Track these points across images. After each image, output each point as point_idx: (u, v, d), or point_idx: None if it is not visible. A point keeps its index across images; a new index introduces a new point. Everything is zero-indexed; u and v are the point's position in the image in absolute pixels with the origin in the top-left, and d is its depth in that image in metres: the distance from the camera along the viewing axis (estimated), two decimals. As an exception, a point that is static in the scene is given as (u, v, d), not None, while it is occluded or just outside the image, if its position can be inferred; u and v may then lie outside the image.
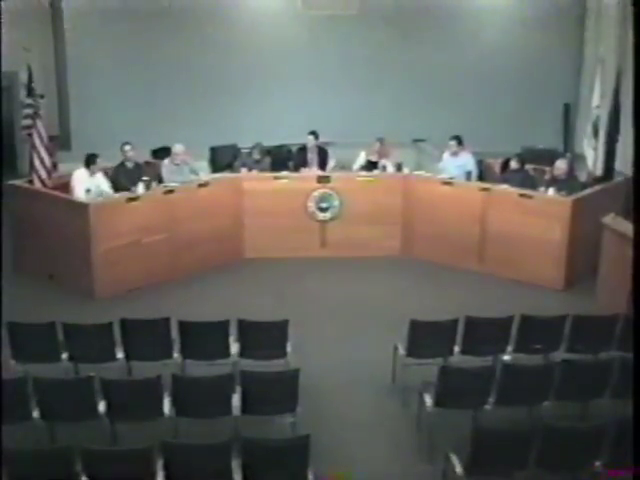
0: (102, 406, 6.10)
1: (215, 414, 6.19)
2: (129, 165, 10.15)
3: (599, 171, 10.70)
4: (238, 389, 6.22)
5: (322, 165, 11.10)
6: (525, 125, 14.44)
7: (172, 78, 14.21)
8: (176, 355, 7.04)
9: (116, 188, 9.91)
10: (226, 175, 10.92)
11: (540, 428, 5.50)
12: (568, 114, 15.07)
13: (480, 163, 10.95)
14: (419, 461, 6.28)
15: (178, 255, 9.91)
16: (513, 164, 10.46)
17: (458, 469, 5.44)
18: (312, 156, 11.13)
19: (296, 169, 11.04)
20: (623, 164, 10.87)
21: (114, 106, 14.01)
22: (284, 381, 6.23)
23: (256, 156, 11.01)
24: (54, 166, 10.36)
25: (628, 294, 7.43)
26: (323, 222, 10.74)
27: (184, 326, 7.00)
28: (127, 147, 10.13)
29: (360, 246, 10.60)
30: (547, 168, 10.41)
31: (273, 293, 9.54)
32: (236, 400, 6.19)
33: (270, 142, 11.68)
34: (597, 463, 5.51)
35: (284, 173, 10.86)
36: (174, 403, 6.14)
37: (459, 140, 10.75)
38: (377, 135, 11.11)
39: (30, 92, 10.65)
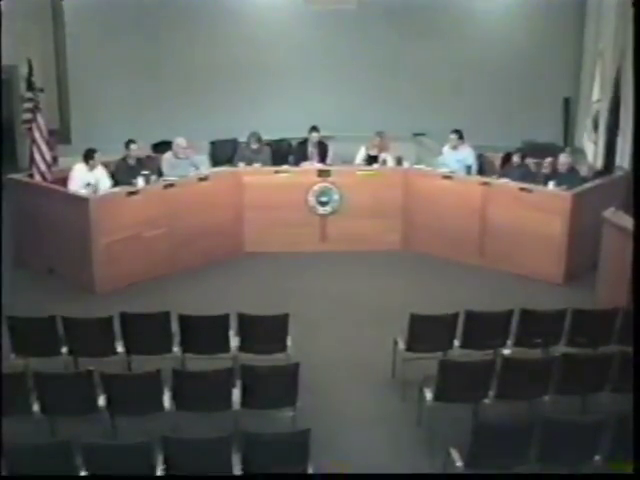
0: (102, 400, 6.11)
1: (215, 408, 6.20)
2: (131, 162, 10.12)
3: (599, 165, 10.69)
4: (238, 383, 6.22)
5: (322, 159, 11.08)
6: (525, 119, 14.42)
7: (172, 72, 14.18)
8: (176, 349, 7.04)
9: (116, 183, 9.90)
10: (226, 169, 10.91)
11: (540, 422, 5.50)
12: (568, 108, 15.04)
13: (480, 157, 10.95)
14: (419, 455, 6.29)
15: (178, 249, 9.91)
16: (515, 158, 10.48)
17: (458, 463, 5.45)
18: (312, 150, 11.11)
19: (296, 163, 11.03)
20: (623, 158, 10.86)
21: (114, 100, 13.99)
22: (284, 375, 6.24)
23: (254, 145, 10.98)
24: (54, 160, 10.35)
25: (628, 288, 7.43)
26: (323, 216, 10.74)
27: (184, 320, 7.00)
28: (133, 146, 10.09)
29: (360, 240, 10.60)
30: (545, 162, 10.38)
31: (273, 287, 9.53)
32: (236, 394, 6.20)
33: (270, 136, 11.67)
34: (597, 457, 5.53)
35: (284, 167, 10.85)
36: (174, 397, 6.15)
37: (459, 134, 10.75)
38: (377, 129, 11.10)
39: (30, 86, 10.61)
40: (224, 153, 11.88)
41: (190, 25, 14.07)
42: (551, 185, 9.79)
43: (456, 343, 7.18)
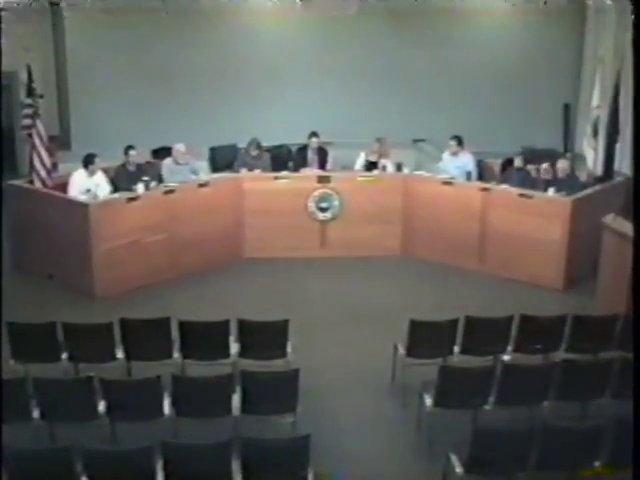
0: (102, 406, 6.11)
1: (215, 414, 6.19)
2: (131, 168, 10.13)
3: (599, 171, 10.70)
4: (238, 389, 6.22)
5: (322, 165, 11.09)
6: (525, 125, 14.44)
7: (172, 78, 14.19)
8: (176, 355, 7.04)
9: (116, 189, 9.90)
10: (226, 175, 10.91)
11: (540, 428, 5.50)
12: (568, 114, 15.07)
13: (479, 163, 10.95)
14: (419, 461, 6.29)
15: (178, 255, 9.92)
16: (517, 162, 10.47)
17: (458, 469, 5.45)
18: (312, 156, 11.12)
19: (296, 169, 11.04)
20: (623, 164, 10.88)
21: (114, 106, 14.01)
22: (284, 381, 6.23)
23: (253, 152, 10.98)
24: (54, 166, 10.34)
25: (628, 294, 7.43)
26: (323, 222, 10.74)
27: (184, 326, 7.00)
28: (132, 152, 10.09)
29: (360, 246, 10.59)
30: (544, 167, 10.38)
31: (273, 293, 9.54)
32: (236, 400, 6.20)
33: (270, 142, 11.66)
34: (597, 463, 5.52)
35: (284, 173, 10.86)
36: (174, 403, 6.14)
37: (459, 140, 10.76)
38: (377, 135, 11.11)
39: (30, 92, 10.61)
40: (224, 159, 11.87)
41: (189, 31, 14.09)
42: (551, 191, 9.80)
43: (456, 349, 7.18)
